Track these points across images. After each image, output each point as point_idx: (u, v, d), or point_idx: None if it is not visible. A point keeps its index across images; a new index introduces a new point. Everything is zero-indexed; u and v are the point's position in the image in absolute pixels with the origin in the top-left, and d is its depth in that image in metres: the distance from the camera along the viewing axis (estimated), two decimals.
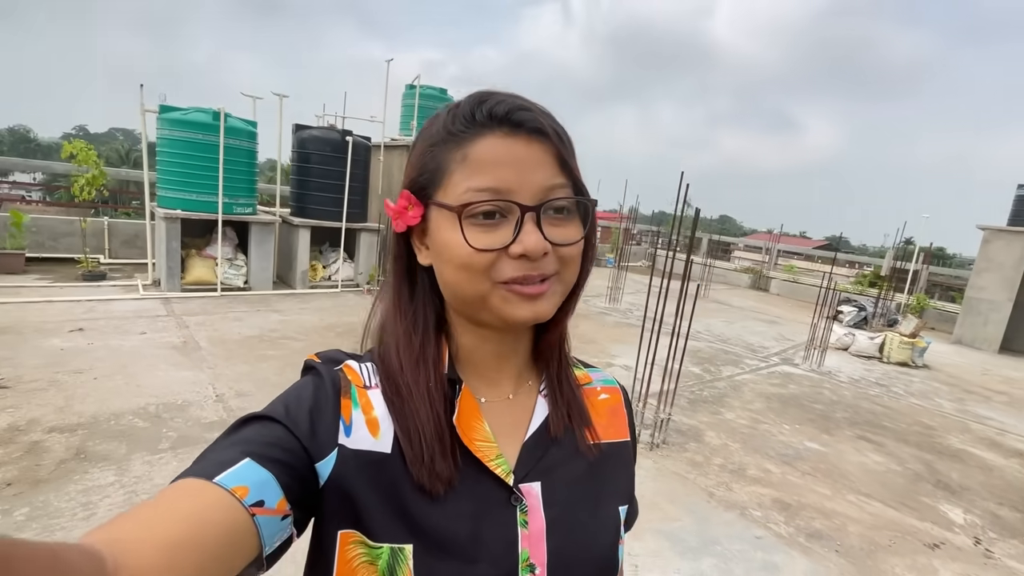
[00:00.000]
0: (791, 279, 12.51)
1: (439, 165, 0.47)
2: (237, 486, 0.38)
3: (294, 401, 0.47)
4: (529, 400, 0.55)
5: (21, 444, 2.59)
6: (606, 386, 0.64)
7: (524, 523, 0.49)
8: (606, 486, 0.56)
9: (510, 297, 0.46)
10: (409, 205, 0.49)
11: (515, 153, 0.45)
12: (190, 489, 0.37)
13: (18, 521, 2.07)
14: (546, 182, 0.46)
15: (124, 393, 3.28)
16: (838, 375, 5.81)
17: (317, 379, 0.50)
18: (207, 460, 0.41)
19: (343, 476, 0.45)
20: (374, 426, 0.48)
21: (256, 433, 0.43)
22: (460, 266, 0.46)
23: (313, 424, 0.46)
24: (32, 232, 6.58)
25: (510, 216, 0.45)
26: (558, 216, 0.47)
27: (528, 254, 0.44)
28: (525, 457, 0.51)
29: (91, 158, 6.14)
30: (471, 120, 0.46)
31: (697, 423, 3.90)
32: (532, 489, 0.50)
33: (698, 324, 7.61)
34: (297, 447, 0.44)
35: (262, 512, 0.39)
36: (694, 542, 2.46)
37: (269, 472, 0.40)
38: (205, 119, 5.99)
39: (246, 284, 6.53)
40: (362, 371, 0.51)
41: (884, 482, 3.34)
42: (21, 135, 62.36)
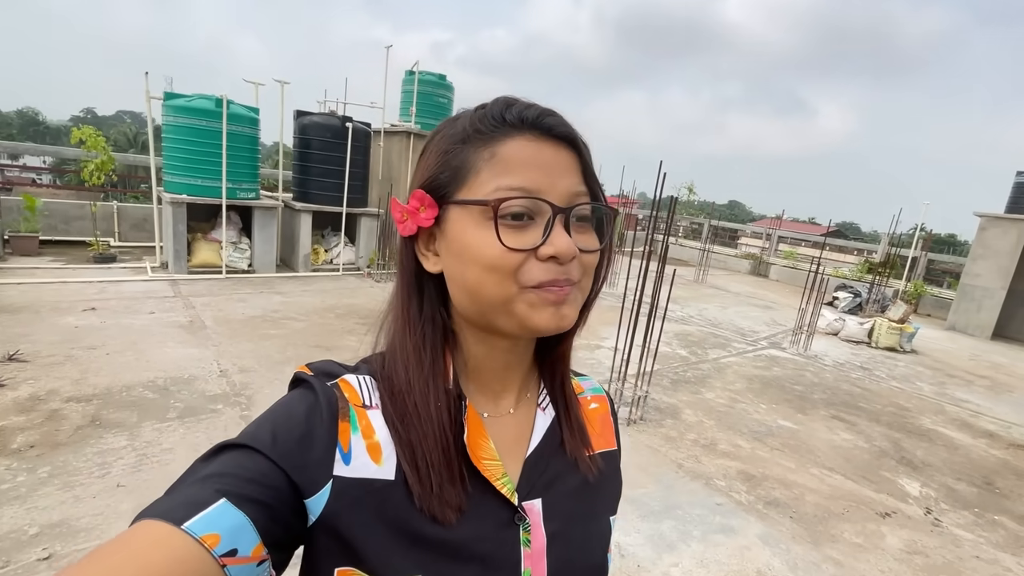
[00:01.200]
0: (790, 265, 12.57)
1: (463, 163, 0.46)
2: (207, 534, 0.35)
3: (283, 426, 0.44)
4: (528, 414, 0.55)
5: (41, 412, 2.83)
6: (595, 395, 0.65)
7: (527, 541, 0.49)
8: (599, 497, 0.57)
9: (536, 301, 0.44)
10: (422, 206, 0.47)
11: (545, 156, 0.45)
12: (155, 535, 0.35)
13: (41, 478, 2.31)
14: (572, 188, 0.46)
15: (135, 367, 3.52)
16: (823, 359, 5.96)
17: (310, 397, 0.47)
18: (177, 496, 0.38)
19: (337, 511, 0.43)
20: (376, 451, 0.46)
21: (236, 465, 0.40)
22: (487, 267, 0.44)
23: (304, 454, 0.43)
24: (45, 216, 6.82)
25: (538, 219, 0.45)
26: (581, 224, 0.47)
27: (559, 256, 0.44)
28: (527, 474, 0.51)
29: (100, 144, 6.33)
30: (500, 120, 0.46)
31: (676, 402, 4.09)
32: (534, 506, 0.50)
33: (691, 309, 7.77)
34: (283, 483, 0.41)
35: (234, 562, 0.36)
36: (657, 507, 2.66)
37: (245, 516, 0.38)
38: (208, 106, 6.14)
39: (250, 267, 6.75)
40: (360, 388, 0.49)
41: (848, 457, 3.52)
42: (30, 118, 62.70)
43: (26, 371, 3.27)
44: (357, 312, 5.54)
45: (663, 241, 3.67)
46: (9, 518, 2.04)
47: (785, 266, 12.56)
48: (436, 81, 8.51)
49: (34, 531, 2.00)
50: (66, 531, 2.01)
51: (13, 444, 2.52)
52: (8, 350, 3.45)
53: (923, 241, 11.08)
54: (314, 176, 7.16)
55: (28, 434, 2.61)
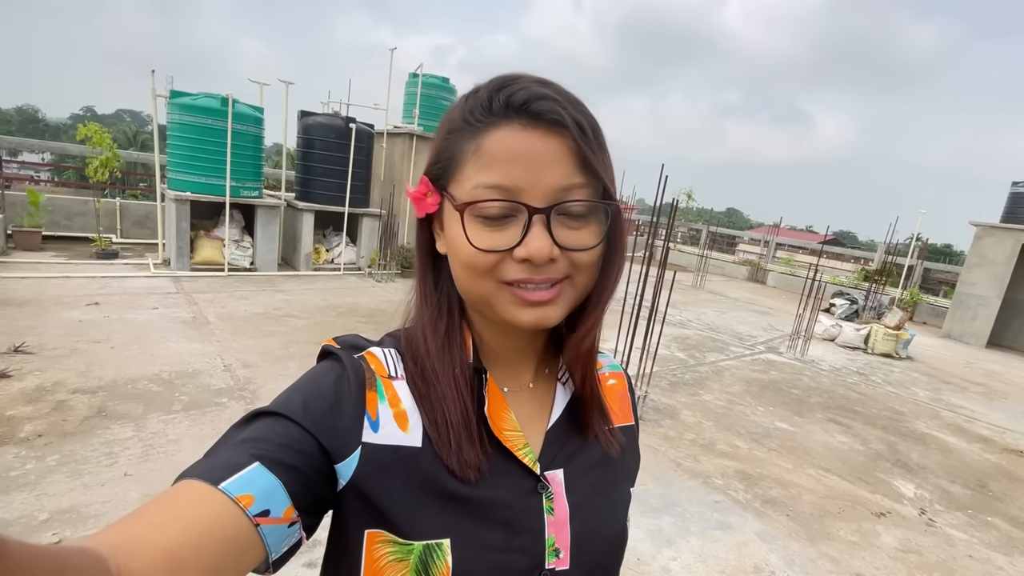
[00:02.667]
0: (788, 272, 12.65)
1: (453, 155, 0.46)
2: (242, 494, 0.37)
3: (313, 395, 0.45)
4: (549, 388, 0.56)
5: (48, 402, 2.86)
6: (613, 371, 0.66)
7: (550, 510, 0.50)
8: (619, 469, 0.58)
9: (514, 300, 0.45)
10: (428, 192, 0.48)
11: (529, 148, 0.43)
12: (194, 494, 0.37)
13: (50, 466, 2.33)
14: (561, 182, 0.43)
15: (139, 361, 3.54)
16: (820, 364, 6.02)
17: (338, 368, 0.48)
18: (215, 459, 0.40)
19: (367, 475, 0.44)
20: (403, 419, 0.47)
21: (270, 431, 0.42)
22: (464, 264, 0.45)
23: (334, 421, 0.44)
24: (48, 211, 6.84)
25: (519, 216, 0.43)
26: (574, 220, 0.44)
27: (532, 259, 0.43)
28: (548, 446, 0.52)
29: (105, 141, 6.37)
30: (487, 109, 0.44)
31: (675, 403, 4.13)
32: (556, 476, 0.51)
33: (690, 313, 7.83)
34: (314, 449, 0.42)
35: (267, 522, 0.38)
36: (656, 503, 2.70)
37: (277, 479, 0.39)
38: (213, 104, 6.19)
39: (252, 265, 6.78)
40: (386, 360, 0.50)
41: (845, 459, 3.57)
42: (29, 115, 62.65)
43: (32, 363, 3.29)
44: (358, 311, 5.58)
45: (663, 246, 3.72)
46: (20, 504, 2.07)
47: (783, 273, 12.65)
48: (439, 84, 8.58)
49: (44, 517, 2.03)
50: (75, 517, 2.04)
51: (21, 433, 2.54)
52: (14, 342, 3.48)
53: (919, 250, 11.19)
54: (317, 176, 7.21)
55: (36, 424, 2.64)
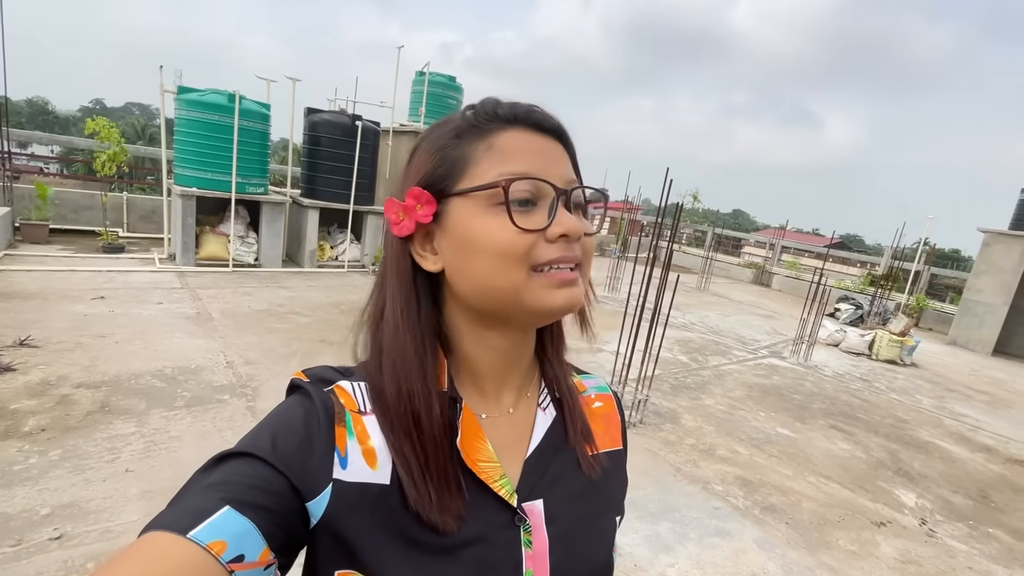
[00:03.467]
0: (793, 275, 12.59)
1: (461, 156, 0.47)
2: (213, 541, 0.36)
3: (282, 432, 0.44)
4: (528, 413, 0.54)
5: (52, 396, 2.88)
6: (600, 393, 0.64)
7: (528, 543, 0.48)
8: (603, 497, 0.56)
9: (547, 283, 0.45)
10: (419, 203, 0.47)
11: (541, 145, 0.47)
12: (162, 546, 0.35)
13: (52, 460, 2.35)
14: (567, 174, 0.48)
15: (143, 356, 3.57)
16: (823, 369, 5.98)
17: (307, 403, 0.47)
18: (182, 506, 0.38)
19: (337, 513, 0.44)
20: (371, 456, 0.46)
21: (238, 473, 0.41)
22: (498, 253, 0.44)
23: (304, 459, 0.43)
24: (55, 204, 6.89)
25: (540, 203, 0.46)
26: (579, 210, 0.49)
27: (570, 234, 0.45)
28: (527, 474, 0.51)
29: (113, 136, 6.41)
30: (493, 115, 0.47)
31: (676, 407, 4.12)
32: (535, 507, 0.50)
33: (693, 316, 7.80)
34: (285, 488, 0.42)
35: (241, 567, 0.37)
36: (655, 508, 2.69)
37: (250, 521, 0.38)
38: (221, 100, 6.21)
39: (256, 261, 6.81)
40: (355, 393, 0.49)
41: (846, 467, 3.55)
42: (39, 107, 63.03)
43: (37, 356, 3.32)
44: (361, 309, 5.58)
45: (667, 248, 3.70)
46: (22, 498, 2.09)
47: (788, 276, 12.58)
48: (446, 83, 8.58)
49: (46, 511, 2.04)
50: (76, 512, 2.06)
51: (25, 427, 2.56)
52: (19, 335, 3.51)
53: (926, 255, 11.10)
54: (322, 173, 7.23)
55: (39, 418, 2.66)
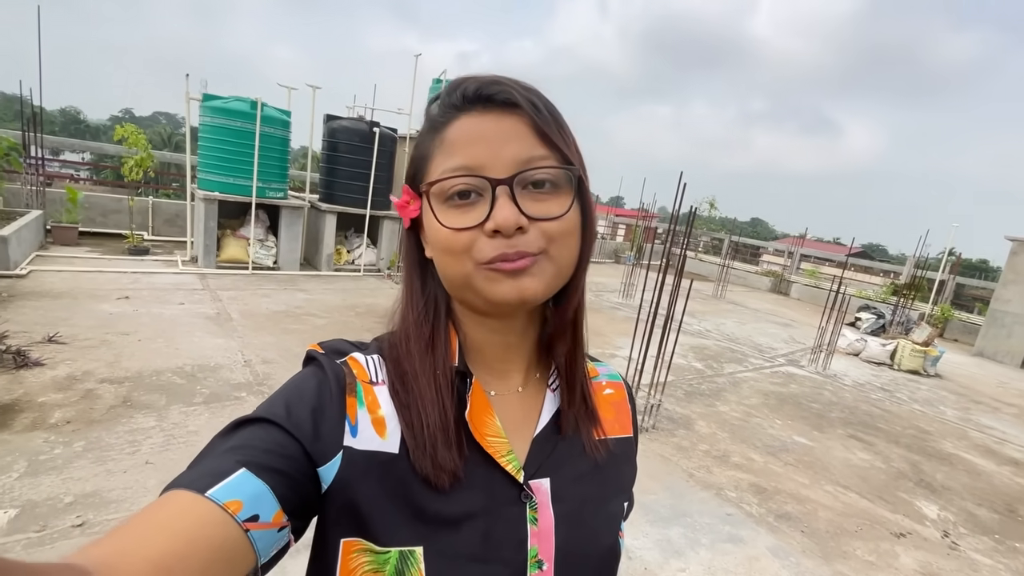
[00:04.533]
0: (812, 283, 12.38)
1: (423, 153, 0.48)
2: (230, 500, 0.37)
3: (295, 399, 0.45)
4: (538, 393, 0.55)
5: (77, 391, 2.98)
6: (611, 381, 0.64)
7: (534, 520, 0.49)
8: (610, 482, 0.56)
9: (492, 276, 0.44)
10: (410, 199, 0.50)
11: (485, 129, 0.45)
12: (181, 503, 0.36)
13: (76, 451, 2.43)
14: (521, 155, 0.44)
15: (164, 354, 3.66)
16: (842, 379, 5.86)
17: (320, 373, 0.48)
18: (201, 468, 0.39)
19: (348, 480, 0.44)
20: (380, 425, 0.47)
21: (254, 438, 0.42)
22: (443, 249, 0.46)
23: (316, 425, 0.44)
24: (85, 208, 7.13)
25: (485, 193, 0.44)
26: (540, 191, 0.45)
27: (500, 229, 0.43)
28: (535, 453, 0.51)
29: (141, 142, 6.62)
30: (447, 106, 0.47)
31: (690, 413, 4.08)
32: (542, 485, 0.50)
33: (709, 323, 7.72)
34: (298, 453, 0.42)
35: (256, 527, 0.38)
36: (666, 513, 2.67)
37: (265, 483, 0.39)
38: (243, 108, 6.38)
39: (275, 264, 6.94)
40: (368, 365, 0.50)
41: (865, 477, 3.47)
42: (72, 116, 65.31)
43: (64, 352, 3.43)
44: (376, 311, 5.65)
45: (680, 254, 3.69)
46: (47, 487, 2.16)
47: (807, 285, 12.37)
48: None
49: (69, 500, 2.11)
50: (98, 501, 2.12)
51: (51, 419, 2.65)
52: (48, 332, 3.63)
53: (952, 264, 10.83)
54: (340, 178, 7.36)
55: (65, 411, 2.75)
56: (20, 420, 2.60)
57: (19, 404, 2.74)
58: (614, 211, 18.65)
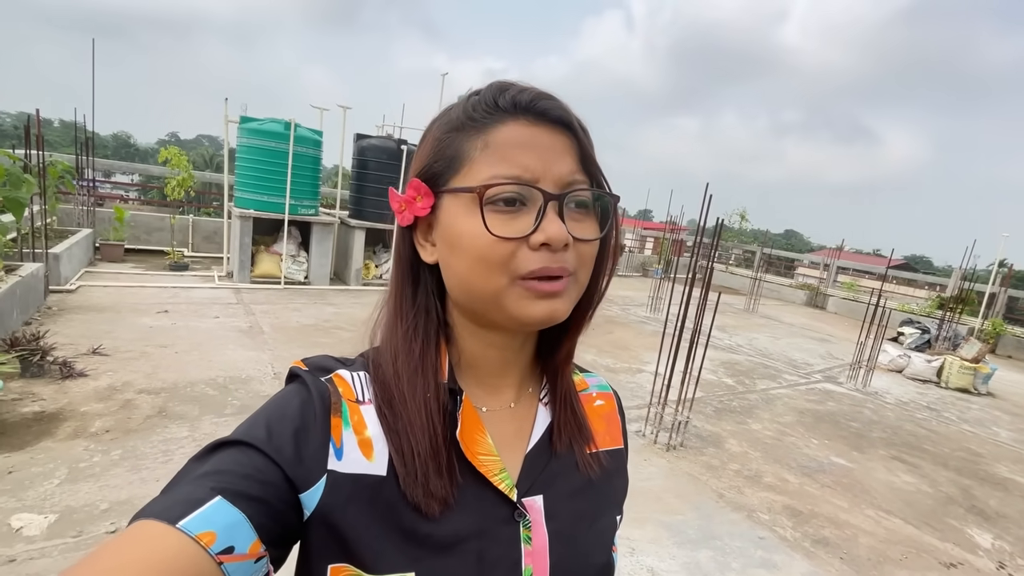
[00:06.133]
0: (851, 297, 11.91)
1: (457, 152, 0.45)
2: (203, 532, 0.35)
3: (277, 420, 0.43)
4: (530, 408, 0.54)
5: (117, 401, 3.10)
6: (601, 392, 0.63)
7: (527, 539, 0.47)
8: (603, 496, 0.55)
9: (527, 294, 0.43)
10: (418, 195, 0.47)
11: (539, 141, 0.44)
12: (150, 535, 0.34)
13: (114, 459, 2.52)
14: (568, 174, 0.44)
15: (199, 366, 3.79)
16: (884, 396, 5.58)
17: (304, 392, 0.46)
18: (174, 495, 0.37)
19: (332, 505, 0.42)
20: (367, 447, 0.45)
21: (231, 462, 0.40)
22: (477, 258, 0.43)
23: (299, 448, 0.42)
24: (131, 226, 7.51)
25: (531, 205, 0.43)
26: (579, 211, 0.45)
27: (551, 243, 0.42)
28: (527, 469, 0.50)
29: (182, 163, 6.96)
30: (493, 107, 0.45)
31: (720, 430, 3.95)
32: (535, 503, 0.49)
33: (740, 338, 7.51)
34: (278, 478, 0.40)
35: (231, 559, 0.36)
36: (694, 535, 2.57)
37: (241, 512, 0.37)
38: (277, 128, 6.64)
39: (306, 279, 7.13)
40: (354, 383, 0.48)
41: (910, 501, 3.27)
42: (123, 140, 69.31)
43: (106, 364, 3.59)
44: None
45: (707, 266, 3.61)
46: (85, 493, 2.25)
47: (845, 298, 11.91)
48: None
49: (104, 507, 2.18)
50: (132, 509, 2.18)
51: (92, 428, 2.77)
52: (92, 344, 3.81)
53: (1003, 276, 10.25)
54: (369, 195, 7.54)
55: (105, 420, 2.87)
56: (63, 429, 2.72)
57: (63, 413, 2.88)
58: (642, 224, 18.45)
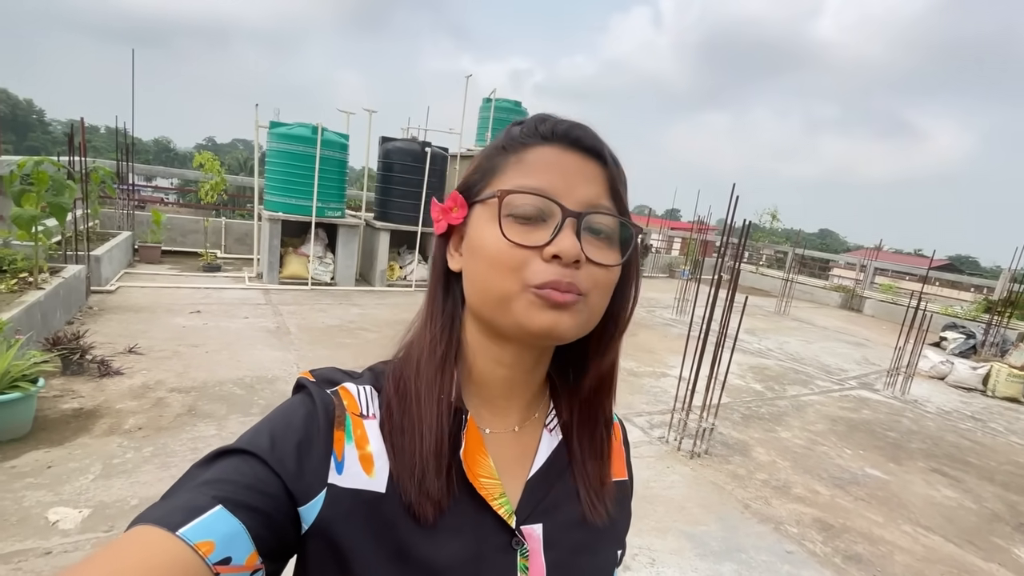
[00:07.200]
0: (889, 299, 11.42)
1: (493, 167, 0.48)
2: (202, 541, 0.35)
3: (281, 430, 0.44)
4: (534, 433, 0.53)
5: (150, 399, 3.21)
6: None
7: (524, 568, 0.47)
8: (605, 529, 0.54)
9: (536, 302, 0.44)
10: (455, 206, 0.50)
11: (568, 163, 0.46)
12: (150, 541, 0.35)
13: (145, 456, 2.61)
14: (593, 199, 0.46)
15: (228, 365, 3.89)
16: (925, 405, 5.33)
17: (309, 403, 0.46)
18: (175, 501, 0.38)
19: (331, 520, 0.42)
20: (368, 463, 0.45)
21: (234, 471, 0.40)
22: (492, 262, 0.45)
23: (301, 461, 0.43)
24: (167, 229, 7.79)
25: (550, 221, 0.45)
26: (598, 237, 0.46)
27: (562, 255, 0.43)
28: (528, 496, 0.50)
29: (215, 167, 7.18)
30: (533, 132, 0.48)
31: (747, 438, 3.83)
32: (534, 531, 0.48)
33: (770, 341, 7.29)
34: (279, 490, 0.41)
35: (228, 570, 0.36)
36: (718, 547, 2.49)
37: (241, 522, 0.37)
38: (305, 133, 6.78)
39: (332, 280, 7.26)
40: (359, 396, 0.48)
41: (951, 517, 3.10)
42: (163, 145, 72.26)
43: (141, 363, 3.73)
44: None
45: (734, 266, 3.51)
46: (117, 489, 2.33)
47: (882, 300, 11.43)
48: (511, 108, 8.82)
49: (135, 502, 2.26)
50: None
51: (126, 425, 2.87)
52: (129, 343, 3.96)
53: None
54: (394, 197, 7.63)
55: (138, 417, 2.97)
56: (99, 425, 2.84)
57: (100, 410, 2.99)
58: (669, 224, 18.13)
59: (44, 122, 65.34)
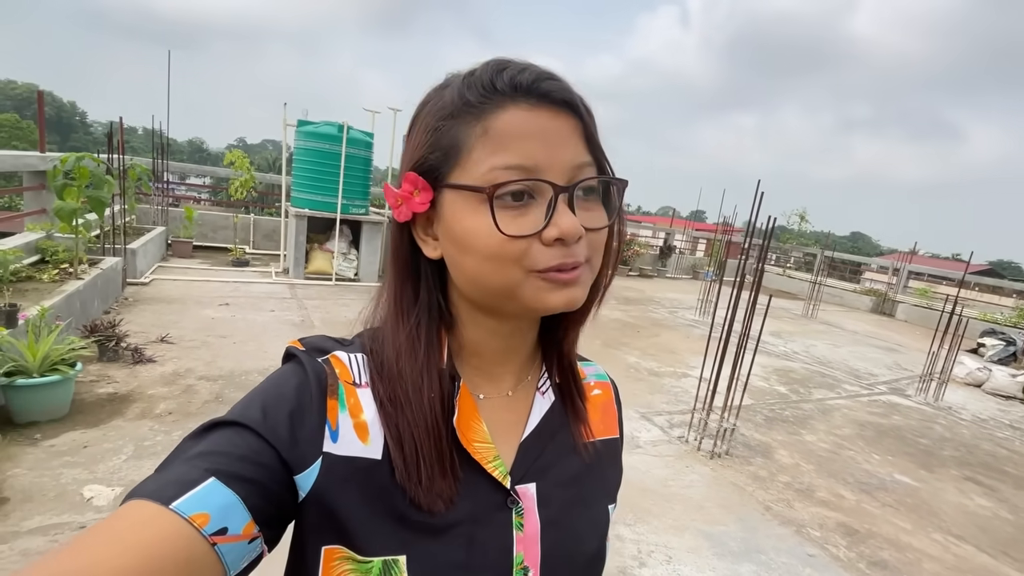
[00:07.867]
0: (924, 304, 11.03)
1: (454, 141, 0.42)
2: (196, 513, 0.35)
3: (273, 401, 0.43)
4: (527, 397, 0.53)
5: (180, 386, 3.33)
6: (599, 381, 0.62)
7: (519, 526, 0.47)
8: (597, 484, 0.55)
9: (544, 285, 0.42)
10: (415, 190, 0.44)
11: (542, 126, 0.41)
12: (143, 516, 0.34)
13: (174, 439, 2.68)
14: (575, 160, 0.42)
15: (254, 356, 4.00)
16: (959, 412, 5.13)
17: (300, 373, 0.45)
18: (167, 475, 0.37)
19: (327, 487, 0.42)
20: (363, 430, 0.45)
21: (226, 443, 0.39)
22: (488, 256, 0.42)
23: (294, 430, 0.42)
24: (199, 225, 8.04)
25: (540, 198, 0.41)
26: (588, 198, 0.44)
27: (565, 238, 0.41)
28: (522, 457, 0.50)
29: (244, 165, 7.38)
30: (491, 89, 0.42)
31: (769, 440, 3.75)
32: (528, 490, 0.49)
33: (796, 344, 7.12)
34: (273, 460, 0.40)
35: (224, 540, 0.36)
36: (736, 547, 2.45)
37: (235, 494, 0.37)
38: (331, 131, 6.91)
39: (356, 276, 7.38)
40: (351, 364, 0.47)
41: (985, 527, 2.98)
42: (196, 145, 74.62)
43: (172, 351, 3.86)
44: None
45: (757, 267, 3.44)
46: (148, 469, 2.41)
47: (916, 305, 11.05)
48: None
49: None
50: None
51: (157, 410, 2.98)
52: (160, 333, 4.11)
53: None
54: None
55: (168, 403, 3.08)
56: (132, 409, 2.95)
57: (133, 395, 3.12)
58: (693, 225, 17.83)
59: (86, 123, 68.27)
